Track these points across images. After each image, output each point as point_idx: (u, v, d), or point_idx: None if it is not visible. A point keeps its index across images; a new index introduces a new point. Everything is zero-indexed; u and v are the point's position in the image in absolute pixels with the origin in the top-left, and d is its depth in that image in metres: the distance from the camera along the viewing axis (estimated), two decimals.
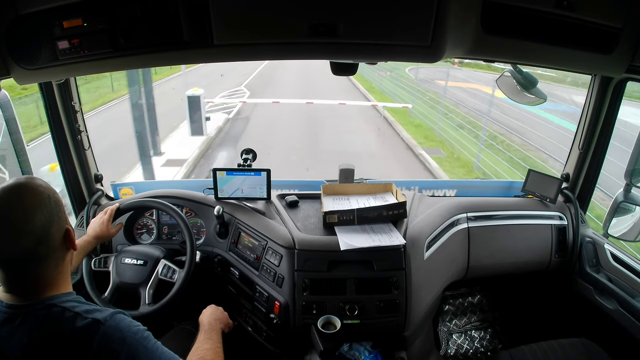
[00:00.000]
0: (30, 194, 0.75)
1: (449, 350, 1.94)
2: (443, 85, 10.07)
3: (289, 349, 1.43)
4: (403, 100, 10.66)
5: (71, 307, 0.76)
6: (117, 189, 1.88)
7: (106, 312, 0.77)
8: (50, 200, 0.77)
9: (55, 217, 0.78)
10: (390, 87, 12.03)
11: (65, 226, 0.80)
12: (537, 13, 0.98)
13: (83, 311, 0.76)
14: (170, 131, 7.64)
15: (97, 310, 0.77)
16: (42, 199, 0.76)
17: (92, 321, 0.74)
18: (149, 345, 0.79)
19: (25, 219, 0.73)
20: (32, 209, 0.74)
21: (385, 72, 13.03)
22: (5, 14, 0.95)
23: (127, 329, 0.77)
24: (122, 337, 0.75)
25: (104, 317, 0.75)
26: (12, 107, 1.42)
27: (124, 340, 0.75)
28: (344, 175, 1.69)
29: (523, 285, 1.94)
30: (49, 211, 0.76)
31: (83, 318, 0.74)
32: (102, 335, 0.73)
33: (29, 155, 1.53)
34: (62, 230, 0.79)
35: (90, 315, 0.75)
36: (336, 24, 0.88)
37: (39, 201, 0.75)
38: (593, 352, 1.39)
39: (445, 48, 0.92)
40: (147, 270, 1.39)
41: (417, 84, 11.85)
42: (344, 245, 1.33)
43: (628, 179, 1.42)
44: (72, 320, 0.74)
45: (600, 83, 1.48)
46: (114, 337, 0.74)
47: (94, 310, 0.77)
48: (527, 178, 1.77)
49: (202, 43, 0.93)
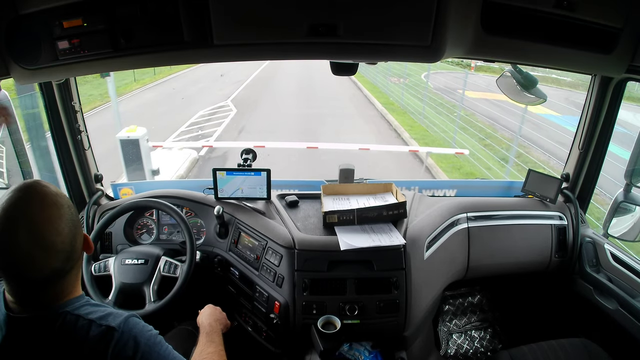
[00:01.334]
0: (52, 206, 0.71)
1: (449, 350, 1.94)
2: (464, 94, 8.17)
3: (289, 349, 1.43)
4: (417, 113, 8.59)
5: (85, 314, 0.74)
6: (117, 189, 1.88)
7: (119, 318, 0.76)
8: (69, 209, 0.74)
9: (78, 227, 0.75)
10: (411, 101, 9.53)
11: (83, 234, 0.78)
12: (537, 13, 0.97)
13: (97, 318, 0.74)
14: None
15: (110, 315, 0.76)
16: (63, 210, 0.72)
17: (106, 329, 0.73)
18: (162, 350, 0.78)
19: (54, 235, 0.69)
20: (58, 223, 0.70)
21: (398, 78, 11.30)
22: (5, 14, 0.95)
23: (140, 335, 0.76)
24: (136, 343, 0.75)
25: (117, 324, 0.74)
26: (12, 107, 1.42)
27: (138, 346, 0.75)
28: (344, 175, 1.69)
29: (523, 285, 1.94)
30: (72, 221, 0.73)
31: (98, 325, 0.73)
32: (117, 342, 0.73)
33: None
34: (82, 238, 0.78)
35: (105, 322, 0.74)
36: (336, 24, 0.88)
37: (61, 214, 0.71)
38: (593, 352, 1.39)
39: (445, 48, 0.92)
40: (149, 268, 1.39)
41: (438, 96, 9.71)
42: (344, 245, 1.33)
43: (628, 179, 1.42)
44: (87, 329, 0.73)
45: (600, 83, 1.48)
46: (128, 344, 0.74)
47: (107, 316, 0.76)
48: (527, 178, 1.76)
49: (202, 43, 0.93)
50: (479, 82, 11.41)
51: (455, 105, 8.85)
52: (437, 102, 8.85)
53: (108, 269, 1.40)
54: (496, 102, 8.62)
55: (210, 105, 9.84)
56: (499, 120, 7.78)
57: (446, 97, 9.80)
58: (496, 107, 8.32)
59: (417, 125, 8.38)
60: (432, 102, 8.76)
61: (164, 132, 7.39)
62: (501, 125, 7.62)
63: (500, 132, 7.34)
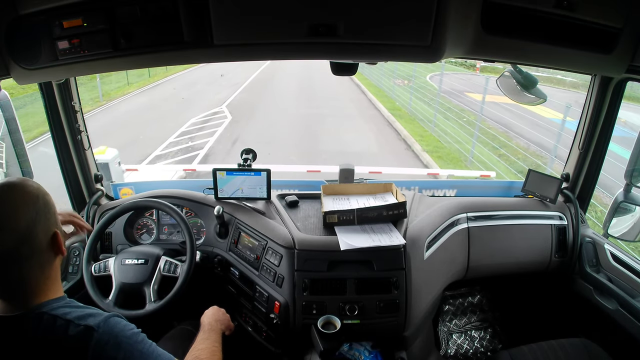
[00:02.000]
0: (18, 192, 0.74)
1: (449, 350, 1.94)
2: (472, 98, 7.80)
3: (289, 349, 1.43)
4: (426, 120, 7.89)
5: (63, 314, 0.74)
6: (117, 189, 1.88)
7: (99, 317, 0.75)
8: (38, 200, 0.76)
9: (43, 217, 0.76)
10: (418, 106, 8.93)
11: (54, 229, 0.78)
12: (537, 13, 0.97)
13: (75, 318, 0.74)
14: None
15: (90, 316, 0.75)
16: (29, 198, 0.75)
17: (84, 328, 0.72)
18: (144, 348, 0.77)
19: (8, 216, 0.72)
20: (17, 207, 0.73)
21: (403, 80, 10.79)
22: (5, 14, 0.95)
23: (121, 334, 0.75)
24: (117, 342, 0.74)
25: (96, 323, 0.73)
26: (12, 107, 1.42)
27: (119, 345, 0.74)
28: (344, 175, 1.69)
29: (523, 285, 1.94)
30: (35, 210, 0.75)
31: (76, 325, 0.72)
32: (96, 342, 0.72)
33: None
34: (49, 232, 0.77)
35: (83, 322, 0.73)
36: (336, 24, 0.88)
37: (26, 200, 0.74)
38: (593, 352, 1.39)
39: (445, 48, 0.92)
40: (149, 268, 1.39)
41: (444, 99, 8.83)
42: (344, 245, 1.32)
43: (628, 179, 1.42)
44: (65, 329, 0.72)
45: (600, 83, 1.48)
46: (109, 343, 0.73)
47: (86, 316, 0.75)
48: (527, 178, 1.76)
49: (202, 43, 0.93)
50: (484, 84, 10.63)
51: (463, 110, 8.35)
52: (444, 106, 8.30)
53: (108, 269, 1.40)
54: (505, 106, 7.81)
55: (204, 112, 9.31)
56: (512, 127, 7.07)
57: (453, 100, 9.19)
58: (506, 111, 7.53)
59: (428, 134, 7.71)
60: (440, 105, 8.17)
61: (151, 142, 6.90)
62: (515, 134, 6.93)
63: (515, 141, 6.76)
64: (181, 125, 7.97)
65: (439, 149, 6.90)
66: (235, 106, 9.96)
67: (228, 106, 9.95)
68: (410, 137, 7.55)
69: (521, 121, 6.63)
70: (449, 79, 9.60)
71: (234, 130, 7.83)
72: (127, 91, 12.48)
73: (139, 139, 6.70)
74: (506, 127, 7.14)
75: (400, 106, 9.82)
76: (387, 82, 11.71)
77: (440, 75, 9.69)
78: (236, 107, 9.89)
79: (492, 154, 6.02)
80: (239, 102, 10.38)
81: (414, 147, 7.09)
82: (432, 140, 7.31)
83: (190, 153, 6.50)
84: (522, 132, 6.66)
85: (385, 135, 7.95)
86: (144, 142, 6.72)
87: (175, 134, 7.51)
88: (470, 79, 8.34)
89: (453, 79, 9.63)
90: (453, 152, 6.70)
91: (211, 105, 9.90)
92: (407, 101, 9.43)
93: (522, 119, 6.75)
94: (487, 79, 6.81)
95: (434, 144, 7.10)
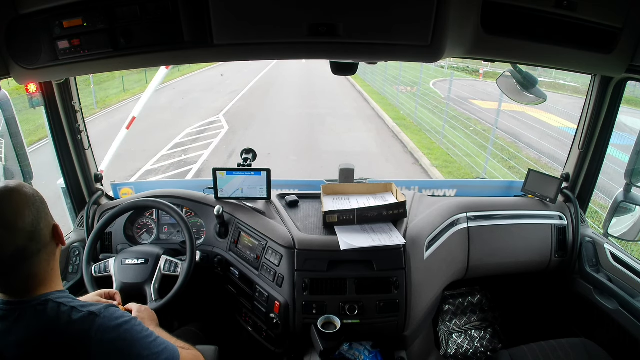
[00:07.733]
0: (17, 194, 0.79)
1: (449, 350, 1.94)
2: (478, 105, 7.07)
3: (289, 348, 1.43)
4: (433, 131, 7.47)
5: (66, 302, 0.80)
6: (117, 188, 1.88)
7: (100, 305, 0.81)
8: (35, 199, 0.81)
9: (43, 213, 0.81)
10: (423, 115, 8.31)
11: (52, 222, 0.84)
12: (537, 13, 0.98)
13: (79, 305, 0.79)
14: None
15: (91, 304, 0.81)
16: (28, 198, 0.80)
17: (87, 313, 0.78)
18: (144, 332, 0.83)
19: (15, 217, 0.76)
20: (20, 207, 0.77)
21: (406, 87, 10.24)
22: (5, 14, 0.95)
23: (121, 318, 0.81)
24: (118, 325, 0.79)
25: (98, 309, 0.79)
26: (12, 107, 1.42)
27: (120, 328, 0.79)
28: (344, 175, 1.69)
29: (523, 285, 1.94)
30: (36, 208, 0.80)
31: (79, 311, 0.78)
32: (99, 326, 0.77)
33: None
34: (50, 226, 0.82)
35: (86, 309, 0.79)
36: (336, 24, 0.89)
37: (25, 200, 0.79)
38: (593, 352, 1.39)
39: (445, 48, 0.92)
40: (150, 267, 1.39)
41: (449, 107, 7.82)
42: (344, 245, 1.33)
43: (628, 179, 1.42)
44: (69, 313, 0.77)
45: (600, 83, 1.48)
46: (110, 326, 0.78)
47: (88, 304, 0.80)
48: (527, 178, 1.76)
49: (202, 43, 0.93)
50: (489, 90, 9.93)
51: (469, 118, 7.83)
52: (449, 114, 7.68)
53: (108, 270, 1.40)
54: (511, 114, 7.18)
55: (199, 121, 8.74)
56: (520, 137, 6.55)
57: (458, 108, 8.66)
58: (513, 119, 6.94)
59: (436, 147, 7.16)
60: (444, 113, 7.57)
61: (143, 155, 6.45)
62: (524, 144, 6.41)
63: (525, 152, 6.30)
64: (175, 136, 7.56)
65: (449, 163, 6.46)
66: (232, 115, 9.58)
67: (225, 115, 9.56)
68: (418, 151, 7.02)
69: (530, 131, 6.24)
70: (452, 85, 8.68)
71: (231, 141, 7.44)
72: (123, 98, 11.84)
73: (130, 150, 6.34)
74: (514, 137, 6.78)
75: (405, 115, 9.36)
76: (390, 90, 11.24)
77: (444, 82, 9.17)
78: (233, 115, 9.48)
79: (503, 167, 5.73)
80: (236, 111, 10.00)
81: (422, 161, 6.60)
82: (441, 154, 6.84)
83: (183, 168, 6.06)
84: (531, 142, 6.29)
85: (390, 147, 7.52)
86: (135, 154, 6.32)
87: (169, 145, 7.08)
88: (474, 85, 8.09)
89: (456, 85, 8.90)
90: (464, 166, 6.27)
91: (208, 114, 9.47)
92: (412, 109, 8.98)
93: (530, 129, 6.35)
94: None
95: (443, 158, 6.66)
